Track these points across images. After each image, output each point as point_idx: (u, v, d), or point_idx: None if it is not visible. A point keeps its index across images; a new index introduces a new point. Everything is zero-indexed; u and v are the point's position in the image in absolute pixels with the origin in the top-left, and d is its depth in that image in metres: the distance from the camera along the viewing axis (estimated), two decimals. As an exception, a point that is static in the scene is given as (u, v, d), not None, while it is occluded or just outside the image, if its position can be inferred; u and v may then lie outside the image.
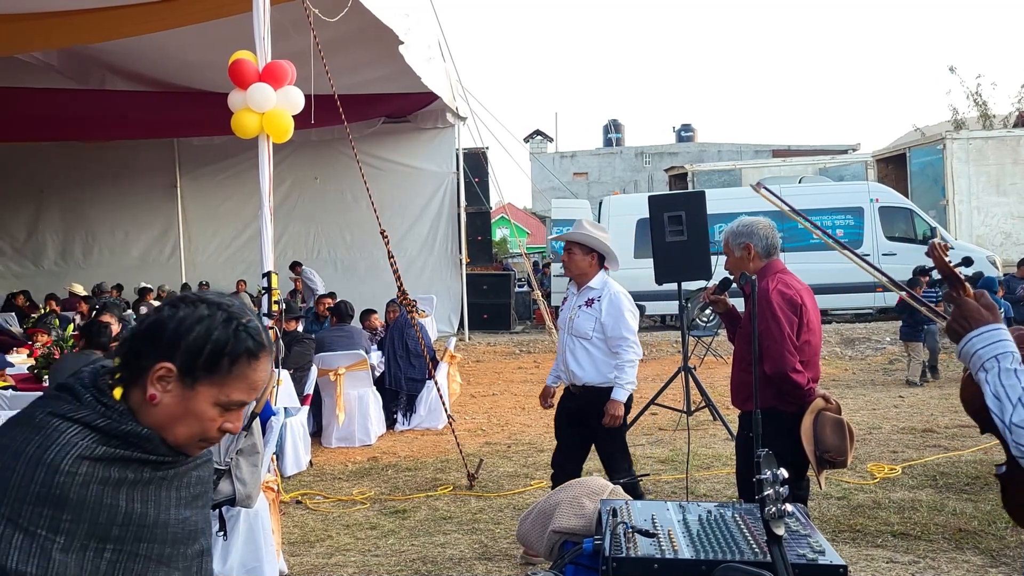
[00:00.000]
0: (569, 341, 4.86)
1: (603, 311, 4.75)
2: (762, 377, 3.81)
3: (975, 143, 18.40)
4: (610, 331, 4.73)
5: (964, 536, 4.98)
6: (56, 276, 17.36)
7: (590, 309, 4.79)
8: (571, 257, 4.85)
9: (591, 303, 4.80)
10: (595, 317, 4.77)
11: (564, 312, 5.03)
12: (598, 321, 4.76)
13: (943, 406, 9.19)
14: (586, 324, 4.79)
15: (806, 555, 2.39)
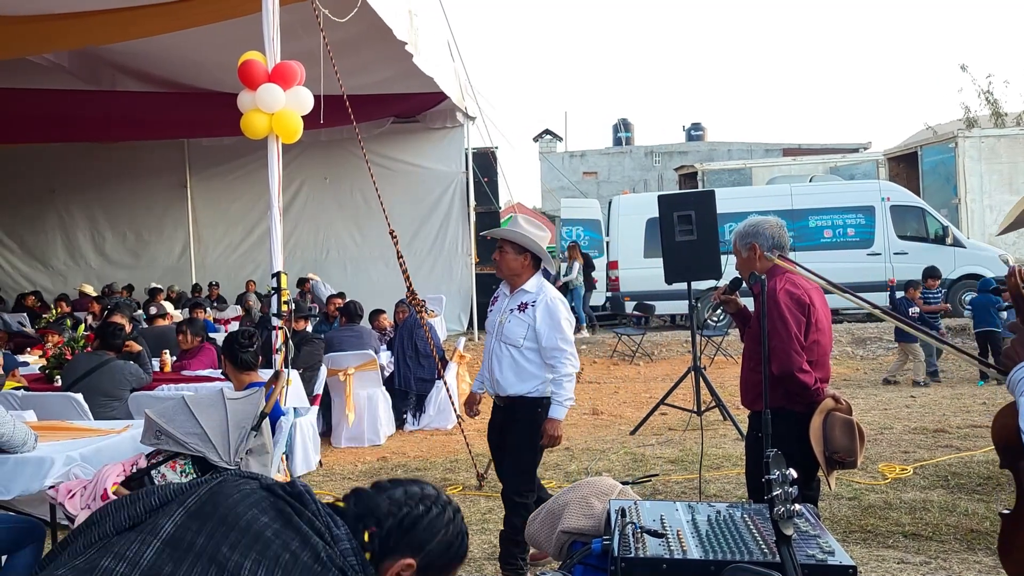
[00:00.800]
0: (497, 347, 4.49)
1: (537, 318, 4.37)
2: (771, 377, 3.80)
3: (987, 141, 18.30)
4: (545, 341, 4.36)
5: (976, 537, 4.95)
6: (67, 276, 17.46)
7: (523, 314, 4.42)
8: (503, 256, 4.50)
9: (524, 308, 4.43)
10: (528, 324, 4.39)
11: (492, 315, 4.63)
12: (531, 328, 4.39)
13: (955, 406, 9.14)
14: (517, 330, 4.41)
15: (815, 556, 2.38)
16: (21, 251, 18.03)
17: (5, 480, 4.03)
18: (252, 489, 1.73)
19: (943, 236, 15.97)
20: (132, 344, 6.67)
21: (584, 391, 11.22)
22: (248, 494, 1.72)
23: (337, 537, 1.69)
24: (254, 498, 1.71)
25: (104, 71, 10.91)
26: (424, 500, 1.80)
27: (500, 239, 4.53)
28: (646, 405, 9.31)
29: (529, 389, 4.44)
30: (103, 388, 5.91)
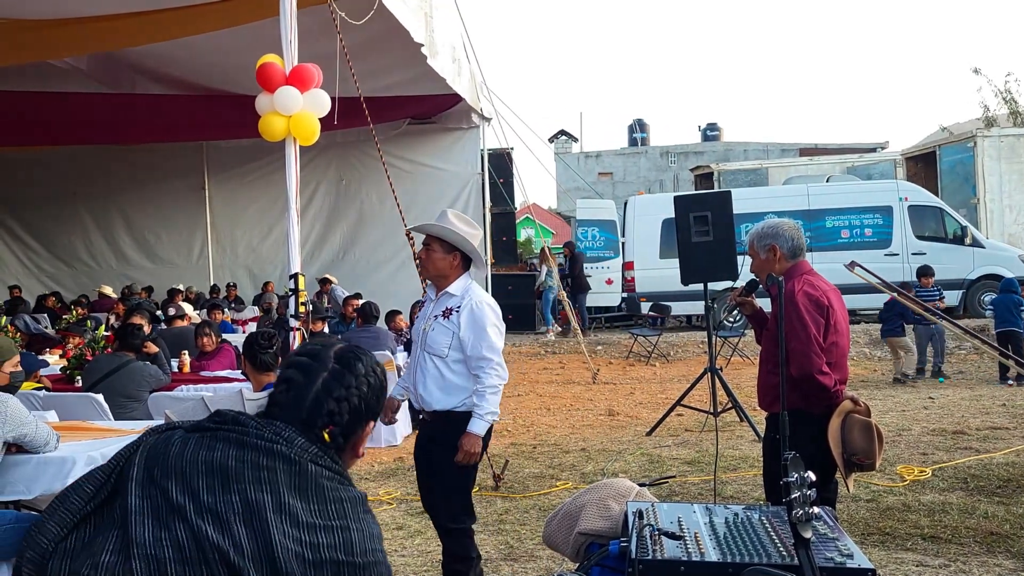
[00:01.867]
0: (421, 358, 4.01)
1: (462, 325, 3.92)
2: (789, 379, 3.79)
3: (1007, 140, 18.15)
4: (469, 349, 3.91)
5: (996, 540, 4.92)
6: (87, 277, 17.60)
7: (447, 321, 3.95)
8: (429, 255, 4.04)
9: (449, 314, 3.96)
10: (452, 331, 3.93)
11: (418, 322, 4.19)
12: (455, 336, 3.93)
13: (974, 408, 9.08)
14: (441, 339, 3.95)
15: (834, 558, 2.38)
16: (43, 252, 18.20)
17: (27, 480, 4.07)
18: (183, 436, 1.74)
19: (962, 236, 15.86)
20: (150, 345, 6.73)
21: (600, 392, 11.22)
22: (185, 440, 1.72)
23: (290, 438, 1.72)
24: (192, 440, 1.71)
25: (123, 74, 11.00)
26: (358, 379, 1.83)
27: (427, 235, 4.09)
28: (662, 406, 9.29)
29: (456, 404, 3.94)
30: (123, 389, 5.96)
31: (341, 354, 1.87)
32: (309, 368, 1.84)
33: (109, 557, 1.62)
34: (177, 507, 1.63)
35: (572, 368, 13.45)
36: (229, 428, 1.74)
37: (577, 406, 10.26)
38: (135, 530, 1.62)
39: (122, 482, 1.71)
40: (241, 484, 1.64)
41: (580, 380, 12.31)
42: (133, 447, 1.76)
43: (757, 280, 4.15)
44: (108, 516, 1.70)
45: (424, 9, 9.33)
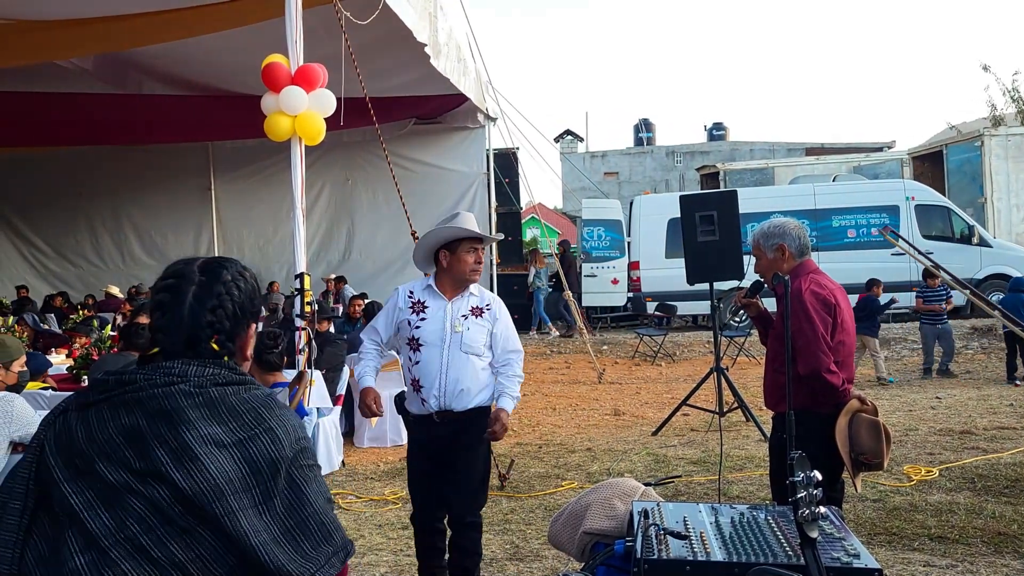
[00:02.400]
0: (455, 358, 4.02)
1: (496, 321, 4.15)
2: (796, 378, 3.78)
3: (1014, 139, 18.08)
4: (503, 343, 4.16)
5: (1003, 540, 4.90)
6: (94, 277, 17.65)
7: (481, 319, 4.11)
8: (479, 258, 4.16)
9: (480, 312, 4.12)
10: (488, 329, 4.12)
11: (431, 323, 4.07)
12: (490, 333, 4.13)
13: (981, 407, 9.04)
14: (479, 337, 4.08)
15: (840, 558, 2.37)
16: (50, 252, 18.26)
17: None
18: (78, 417, 1.71)
19: (969, 236, 15.81)
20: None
21: (606, 392, 11.21)
22: (86, 420, 1.69)
23: (182, 372, 1.72)
24: (92, 418, 1.69)
25: (129, 75, 11.02)
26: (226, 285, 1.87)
27: (476, 238, 4.15)
28: (668, 406, 9.28)
29: (487, 398, 4.14)
30: (129, 388, 5.97)
31: (205, 266, 1.90)
32: (177, 287, 1.84)
33: (82, 558, 1.60)
34: (120, 484, 1.62)
35: (578, 368, 13.44)
36: (121, 391, 1.70)
37: (583, 406, 10.25)
38: (93, 524, 1.61)
39: (47, 486, 1.67)
40: (160, 437, 1.63)
41: (586, 380, 12.30)
42: (35, 449, 1.72)
43: (762, 280, 4.13)
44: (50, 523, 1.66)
45: (429, 9, 9.33)
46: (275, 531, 1.64)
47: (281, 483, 1.67)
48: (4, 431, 3.87)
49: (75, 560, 1.60)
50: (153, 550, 1.59)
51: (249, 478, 1.64)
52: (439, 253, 4.15)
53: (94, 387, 1.75)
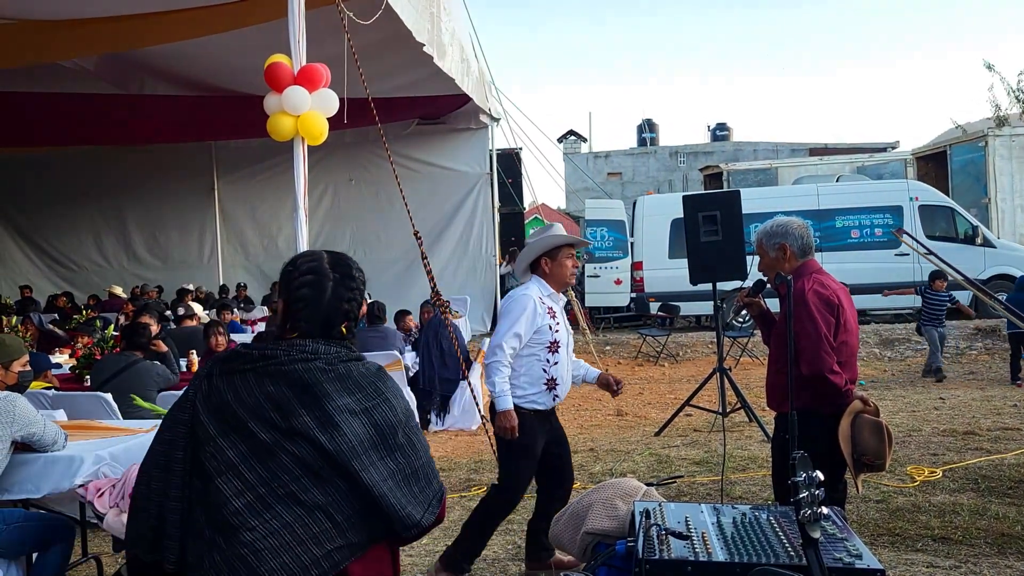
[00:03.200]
0: (569, 359, 4.58)
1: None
2: (799, 378, 3.77)
3: (1018, 139, 18.04)
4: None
5: (1007, 541, 4.88)
6: (98, 278, 17.69)
7: (566, 320, 4.61)
8: (576, 262, 4.60)
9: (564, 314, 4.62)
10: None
11: (563, 326, 4.48)
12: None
13: (985, 408, 9.02)
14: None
15: (843, 559, 2.36)
16: (54, 252, 18.30)
17: (36, 479, 4.08)
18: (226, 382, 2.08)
19: (973, 236, 15.77)
20: (159, 344, 6.74)
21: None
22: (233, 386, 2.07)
23: (314, 350, 2.09)
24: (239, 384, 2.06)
25: (131, 75, 11.04)
26: (355, 281, 2.27)
27: (569, 244, 4.53)
28: (671, 406, 9.27)
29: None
30: (131, 388, 5.97)
31: (335, 263, 2.24)
32: (317, 284, 2.18)
33: (240, 501, 1.96)
34: (271, 442, 1.99)
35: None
36: (265, 363, 2.06)
37: (585, 406, 10.24)
38: (249, 473, 1.98)
39: (201, 443, 2.03)
40: (306, 406, 2.01)
41: (589, 380, 12.27)
42: (185, 407, 2.07)
43: (764, 280, 4.12)
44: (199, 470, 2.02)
45: (431, 9, 9.33)
46: (396, 480, 2.03)
47: (399, 440, 2.06)
48: (6, 431, 3.87)
49: (233, 503, 1.96)
50: (301, 495, 1.97)
51: (376, 439, 2.03)
52: (541, 260, 4.48)
53: (238, 357, 2.10)
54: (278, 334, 2.20)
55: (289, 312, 2.19)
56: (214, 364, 2.11)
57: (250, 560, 1.93)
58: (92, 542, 5.08)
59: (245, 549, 1.94)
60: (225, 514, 1.95)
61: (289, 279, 2.22)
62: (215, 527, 1.97)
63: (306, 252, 2.30)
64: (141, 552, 2.03)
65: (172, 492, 2.01)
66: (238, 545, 1.94)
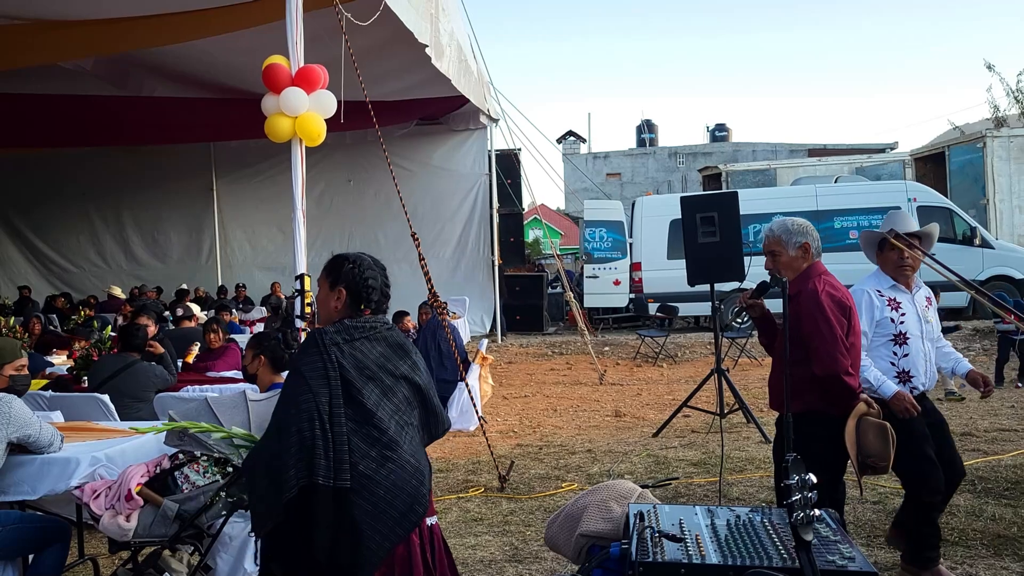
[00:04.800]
0: (923, 348, 4.50)
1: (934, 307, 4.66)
2: (808, 379, 3.77)
3: (1016, 141, 18.05)
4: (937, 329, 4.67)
5: (1003, 542, 4.89)
6: (97, 278, 17.69)
7: (931, 309, 4.60)
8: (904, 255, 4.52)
9: (930, 302, 4.61)
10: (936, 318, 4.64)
11: (905, 318, 4.45)
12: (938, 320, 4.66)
13: (982, 409, 9.03)
14: (937, 325, 4.64)
15: (836, 561, 2.36)
16: (52, 253, 18.30)
17: (32, 480, 4.08)
18: (352, 347, 2.82)
19: (971, 237, 15.78)
20: (156, 345, 6.74)
21: (607, 393, 11.21)
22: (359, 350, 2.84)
23: (390, 324, 3.01)
24: (363, 346, 2.86)
25: (129, 75, 11.03)
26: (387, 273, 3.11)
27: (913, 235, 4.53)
28: (669, 407, 9.27)
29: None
30: (129, 389, 5.97)
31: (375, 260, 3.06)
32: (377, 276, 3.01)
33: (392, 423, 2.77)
34: (391, 384, 2.83)
35: (579, 369, 13.44)
36: (372, 331, 2.88)
37: (584, 407, 10.25)
38: (387, 407, 2.78)
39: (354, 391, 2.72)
40: (404, 359, 2.91)
41: (587, 381, 12.29)
42: (327, 373, 2.70)
43: (768, 282, 4.03)
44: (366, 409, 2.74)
45: (430, 11, 9.33)
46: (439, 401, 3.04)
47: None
48: (2, 432, 3.87)
49: (391, 428, 2.75)
50: (410, 419, 2.86)
51: (430, 378, 3.02)
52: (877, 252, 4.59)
53: (351, 330, 2.82)
54: (349, 313, 2.90)
55: (360, 297, 2.91)
56: (328, 337, 2.77)
57: (412, 462, 2.77)
58: (89, 543, 5.08)
59: (407, 455, 2.76)
60: (388, 437, 2.71)
61: (353, 273, 2.92)
62: (381, 446, 2.70)
63: (350, 253, 3.02)
64: (325, 478, 2.58)
65: (336, 431, 2.63)
66: (403, 453, 2.74)
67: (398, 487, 2.69)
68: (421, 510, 2.78)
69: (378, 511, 2.64)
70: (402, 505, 2.69)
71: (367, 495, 2.63)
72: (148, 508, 3.60)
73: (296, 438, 2.59)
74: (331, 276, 2.95)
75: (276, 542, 2.69)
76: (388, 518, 2.66)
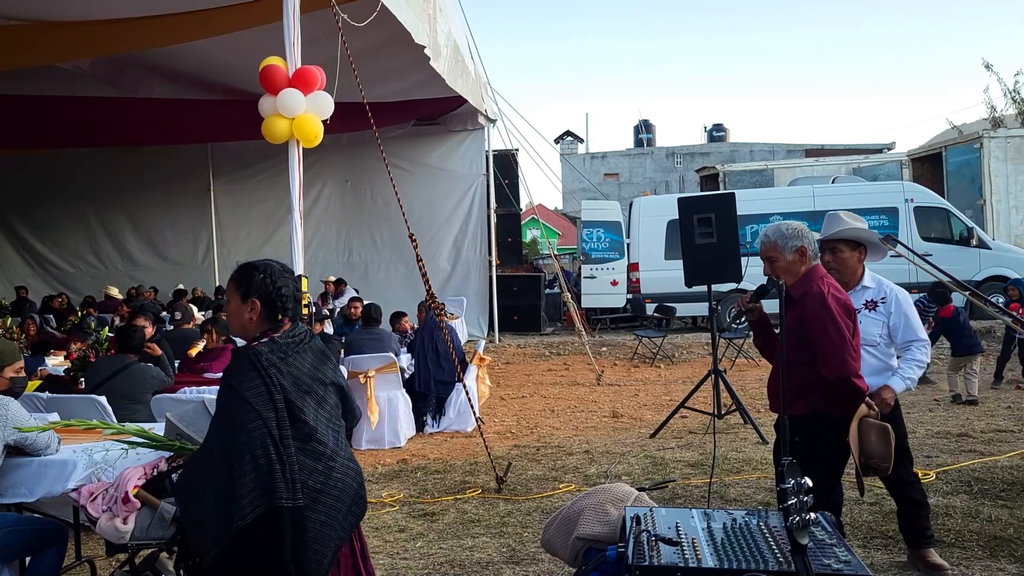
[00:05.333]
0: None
1: (892, 312, 4.44)
2: (812, 381, 3.78)
3: (1013, 141, 18.09)
4: (901, 333, 4.45)
5: (999, 544, 4.90)
6: (94, 278, 17.67)
7: (875, 312, 4.45)
8: (839, 258, 4.47)
9: (874, 305, 4.46)
10: (883, 321, 4.44)
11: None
12: (886, 325, 4.44)
13: (979, 410, 9.05)
14: (873, 329, 4.42)
15: (831, 565, 2.37)
16: (49, 254, 18.28)
17: (29, 483, 4.08)
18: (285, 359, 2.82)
19: (968, 237, 15.81)
20: (153, 347, 6.73)
21: (605, 393, 11.21)
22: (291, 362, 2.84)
23: (306, 330, 2.97)
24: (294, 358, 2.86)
25: (126, 76, 11.02)
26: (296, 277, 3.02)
27: (831, 239, 4.43)
28: (666, 408, 9.28)
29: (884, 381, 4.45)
30: (125, 391, 5.97)
31: (284, 267, 2.96)
32: (290, 284, 2.91)
33: (331, 438, 2.83)
34: (323, 392, 2.86)
35: (577, 369, 13.44)
36: (300, 344, 2.86)
37: (581, 407, 10.25)
38: (324, 419, 2.83)
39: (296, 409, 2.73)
40: (327, 365, 2.93)
41: (584, 382, 12.30)
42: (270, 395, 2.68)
43: (767, 286, 4.00)
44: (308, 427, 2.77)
45: (428, 11, 9.33)
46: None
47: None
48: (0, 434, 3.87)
49: (330, 442, 2.81)
50: (338, 424, 2.91)
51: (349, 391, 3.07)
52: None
53: (283, 346, 2.79)
54: (266, 324, 2.84)
55: (275, 307, 2.84)
56: (267, 357, 2.74)
57: (351, 465, 2.87)
58: (86, 545, 5.08)
59: (346, 459, 2.84)
60: (329, 449, 2.78)
61: (265, 283, 2.84)
62: (326, 459, 2.76)
63: (258, 262, 2.91)
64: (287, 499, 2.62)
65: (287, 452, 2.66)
66: (342, 459, 2.83)
67: (344, 492, 2.80)
68: (362, 508, 2.91)
69: (329, 519, 2.74)
70: (345, 508, 2.80)
71: (319, 507, 2.72)
72: (145, 510, 3.60)
73: (251, 466, 2.60)
74: (242, 287, 2.86)
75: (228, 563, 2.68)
76: (337, 524, 2.76)
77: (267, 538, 2.63)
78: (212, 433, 2.73)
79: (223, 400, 2.74)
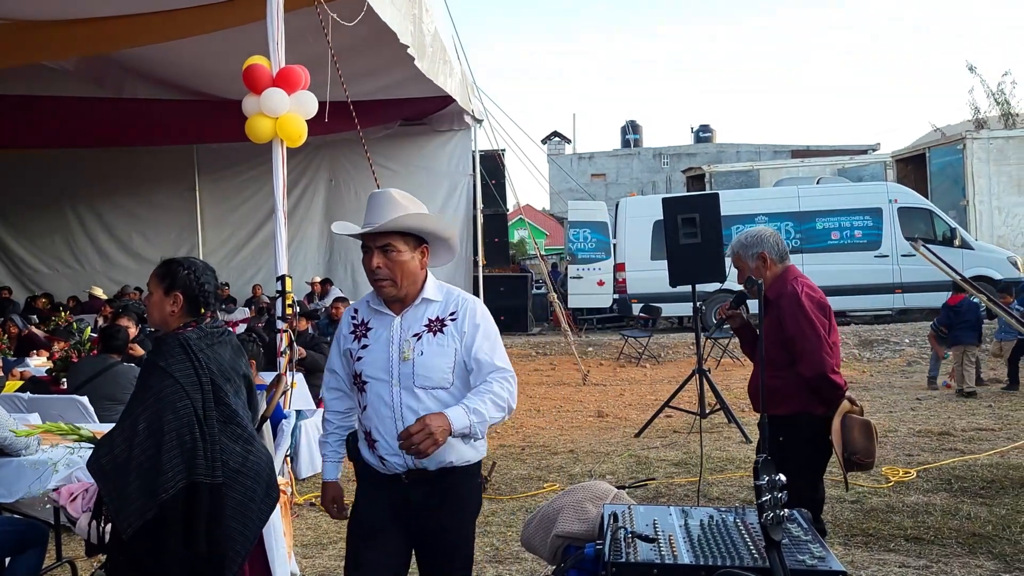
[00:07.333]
0: (405, 399, 2.77)
1: (466, 333, 2.83)
2: (794, 380, 3.82)
3: (996, 143, 18.24)
4: (483, 361, 2.81)
5: (978, 541, 4.94)
6: (78, 279, 17.54)
7: (440, 337, 2.82)
8: (393, 259, 2.84)
9: (439, 326, 2.84)
10: (453, 348, 2.80)
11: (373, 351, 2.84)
12: (458, 353, 2.81)
13: (961, 409, 9.12)
14: (439, 363, 2.78)
15: (806, 560, 2.39)
16: (33, 254, 18.13)
17: (8, 483, 4.06)
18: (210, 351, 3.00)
19: (951, 238, 15.92)
20: (136, 347, 6.71)
21: (590, 393, 11.24)
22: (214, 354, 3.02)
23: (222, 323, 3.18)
24: (215, 348, 3.05)
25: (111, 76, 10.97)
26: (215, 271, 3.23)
27: (379, 234, 2.84)
28: (652, 407, 9.31)
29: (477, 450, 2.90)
30: (108, 392, 5.94)
31: (205, 264, 3.17)
32: (212, 278, 3.12)
33: (244, 415, 3.02)
34: (239, 382, 3.06)
35: (562, 369, 13.47)
36: (222, 335, 3.06)
37: (567, 407, 10.27)
38: (236, 401, 3.00)
39: (221, 394, 2.92)
40: (242, 357, 3.13)
41: (570, 381, 12.32)
42: (199, 379, 2.86)
43: (746, 293, 4.06)
44: (231, 410, 2.95)
45: (413, 11, 9.32)
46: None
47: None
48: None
49: (248, 423, 3.01)
50: (247, 411, 3.05)
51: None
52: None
53: (208, 335, 2.97)
54: (187, 317, 2.99)
55: (197, 301, 3.01)
56: (200, 341, 2.93)
57: (265, 451, 3.06)
58: (67, 546, 5.06)
59: (260, 446, 3.03)
60: (247, 432, 2.97)
61: (189, 279, 3.01)
62: (244, 441, 2.92)
63: (181, 258, 3.12)
64: (205, 476, 2.77)
65: (210, 431, 2.82)
66: (258, 444, 3.01)
67: (260, 475, 2.95)
68: (276, 494, 3.04)
69: (246, 499, 2.89)
70: (262, 491, 2.96)
71: (237, 487, 2.86)
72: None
73: (176, 442, 2.77)
74: (165, 281, 3.04)
75: (144, 538, 2.78)
76: (255, 505, 2.92)
77: (183, 513, 2.76)
78: (137, 409, 2.83)
79: (150, 379, 2.87)
